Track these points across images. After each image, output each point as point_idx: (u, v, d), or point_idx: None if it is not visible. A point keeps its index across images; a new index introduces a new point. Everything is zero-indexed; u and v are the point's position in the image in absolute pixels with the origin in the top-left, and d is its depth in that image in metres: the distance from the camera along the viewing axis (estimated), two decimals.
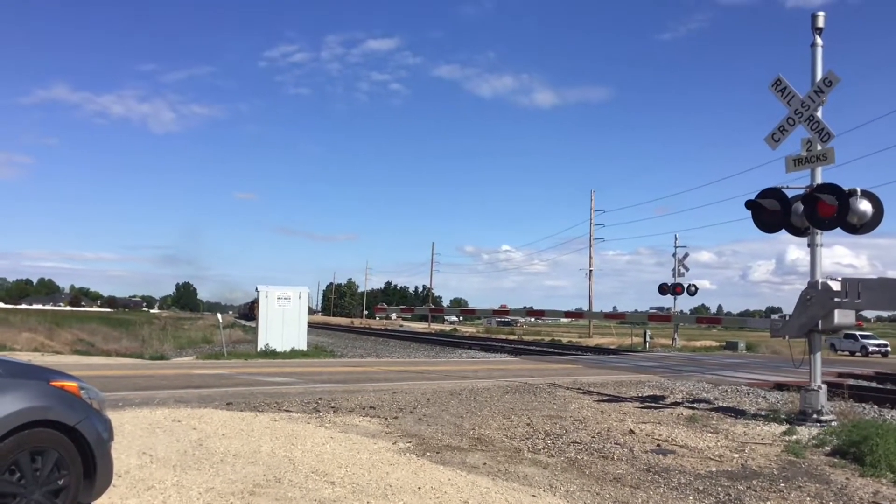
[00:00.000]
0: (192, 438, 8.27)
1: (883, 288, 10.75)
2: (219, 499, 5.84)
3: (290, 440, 8.42)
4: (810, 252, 11.77)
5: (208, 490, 6.07)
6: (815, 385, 11.53)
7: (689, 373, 21.91)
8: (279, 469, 6.97)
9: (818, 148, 11.58)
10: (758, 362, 29.51)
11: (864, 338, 49.32)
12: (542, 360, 28.67)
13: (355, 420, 10.26)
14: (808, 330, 11.59)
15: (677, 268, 47.88)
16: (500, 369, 21.59)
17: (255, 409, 10.90)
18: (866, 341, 48.27)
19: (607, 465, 8.03)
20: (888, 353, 47.11)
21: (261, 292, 28.03)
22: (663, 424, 11.00)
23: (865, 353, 46.37)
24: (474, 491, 6.54)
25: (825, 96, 11.59)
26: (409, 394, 13.52)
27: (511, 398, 13.53)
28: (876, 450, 8.30)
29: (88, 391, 5.09)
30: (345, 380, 16.17)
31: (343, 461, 7.47)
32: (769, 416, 11.93)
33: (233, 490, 6.11)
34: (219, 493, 6.01)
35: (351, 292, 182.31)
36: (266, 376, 16.33)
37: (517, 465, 7.80)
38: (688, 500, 6.67)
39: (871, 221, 11.30)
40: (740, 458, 8.74)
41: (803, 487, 7.31)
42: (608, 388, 16.13)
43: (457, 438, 9.25)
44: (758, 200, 12.07)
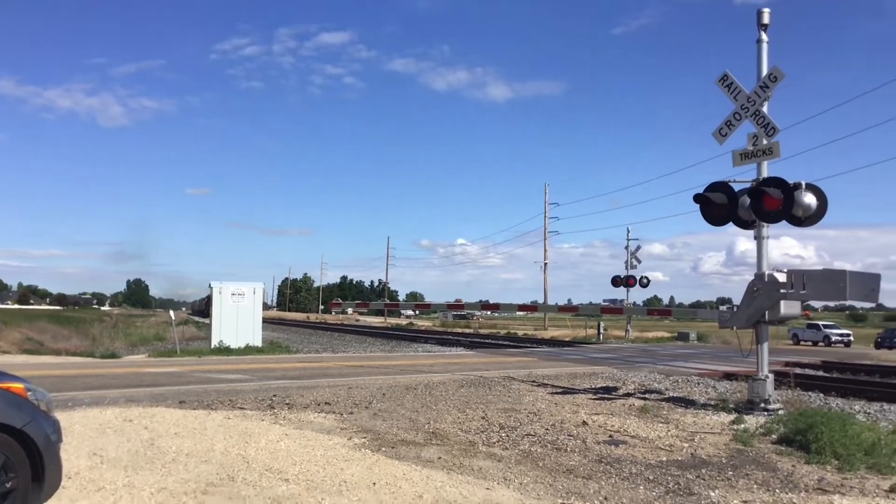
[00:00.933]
0: (144, 438, 8.18)
1: (826, 279, 11.02)
2: (171, 499, 5.79)
3: (244, 438, 8.37)
4: (757, 244, 12.02)
5: (160, 490, 6.02)
6: (762, 374, 11.79)
7: (642, 364, 22.23)
8: (233, 467, 6.93)
9: (764, 142, 11.82)
10: (708, 352, 30.05)
11: (827, 328, 49.94)
12: (498, 353, 28.84)
13: (310, 416, 10.23)
14: (755, 321, 11.84)
15: (630, 260, 48.51)
16: (455, 363, 21.67)
17: (209, 407, 10.81)
18: (829, 331, 48.79)
19: (561, 457, 8.13)
20: (851, 342, 47.67)
21: (214, 288, 27.73)
22: (616, 415, 11.16)
23: (828, 343, 46.84)
24: (429, 485, 6.58)
25: (770, 91, 11.83)
26: (364, 389, 13.52)
27: (466, 392, 13.61)
28: (821, 437, 8.52)
29: (35, 392, 5.01)
30: (300, 376, 16.10)
31: (297, 458, 7.45)
32: (718, 406, 12.17)
33: (185, 489, 6.06)
34: (171, 492, 5.96)
35: (306, 287, 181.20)
36: (220, 373, 16.17)
37: (472, 459, 7.86)
38: (638, 489, 6.78)
39: (816, 214, 11.59)
40: (690, 447, 8.91)
41: (751, 475, 7.48)
42: (562, 381, 16.30)
43: (412, 433, 9.28)
44: (706, 194, 12.29)
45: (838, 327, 51.82)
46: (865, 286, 10.78)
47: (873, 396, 14.79)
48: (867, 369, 23.07)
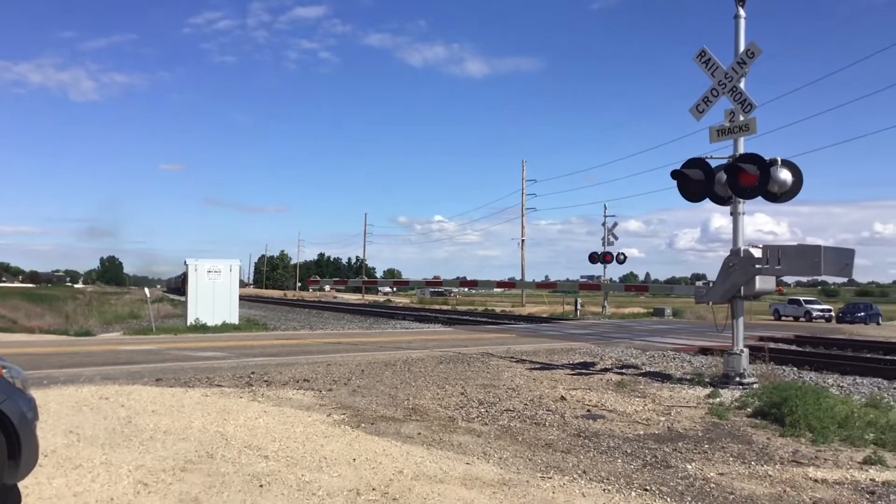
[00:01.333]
0: (121, 416, 8.12)
1: (801, 255, 11.13)
2: (149, 476, 5.76)
3: (223, 415, 8.34)
4: (733, 220, 12.09)
5: (138, 468, 5.98)
6: (737, 349, 11.92)
7: (619, 339, 22.40)
8: (211, 445, 6.91)
9: (741, 119, 11.87)
10: (684, 328, 30.34)
11: (808, 303, 50.28)
12: (476, 329, 28.94)
13: (289, 393, 10.21)
14: (730, 296, 11.94)
15: (607, 237, 48.73)
16: (434, 339, 21.72)
17: (186, 384, 10.75)
18: (810, 306, 49.07)
19: (539, 432, 8.18)
20: (832, 317, 47.92)
21: (190, 266, 27.54)
22: (593, 390, 11.24)
23: (809, 318, 47.04)
24: (409, 461, 6.60)
25: (747, 68, 11.86)
26: (343, 366, 13.51)
27: (445, 368, 13.64)
28: (795, 410, 8.63)
29: (10, 370, 4.94)
30: (278, 353, 16.06)
31: (277, 435, 7.44)
32: (694, 380, 12.30)
33: (164, 467, 6.03)
34: (149, 470, 5.93)
35: (283, 264, 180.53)
36: (197, 351, 16.09)
37: (451, 434, 7.89)
38: (616, 463, 6.84)
39: (791, 190, 11.67)
40: (667, 421, 9.00)
41: (727, 448, 7.57)
42: (540, 356, 16.38)
43: (391, 409, 9.29)
44: (683, 170, 12.34)
45: (819, 303, 52.09)
46: (840, 262, 10.89)
47: (846, 370, 15.01)
48: (840, 343, 23.40)
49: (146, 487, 5.50)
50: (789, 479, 6.42)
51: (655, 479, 6.24)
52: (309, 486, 5.68)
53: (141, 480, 5.65)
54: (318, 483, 5.75)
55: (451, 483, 5.93)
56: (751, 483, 6.25)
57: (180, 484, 5.61)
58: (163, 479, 5.69)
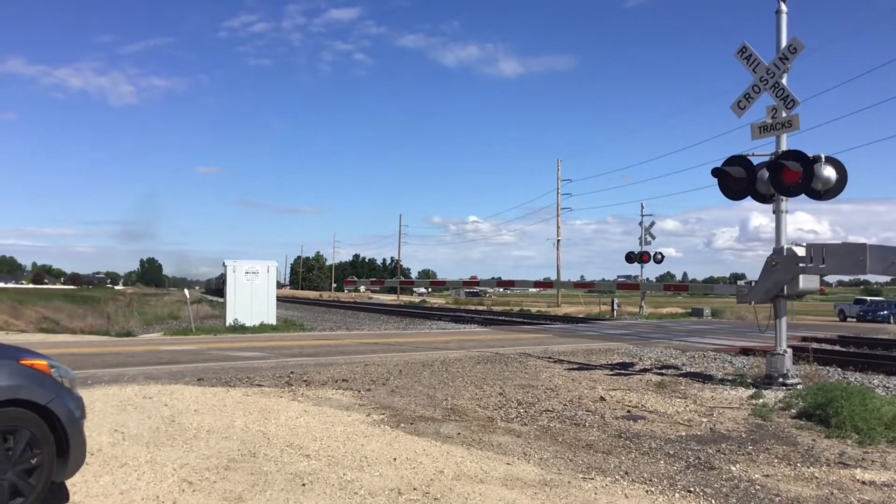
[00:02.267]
0: (164, 415, 8.22)
1: (845, 253, 10.93)
2: (194, 474, 5.83)
3: (264, 414, 8.40)
4: (775, 218, 11.91)
5: (183, 466, 6.05)
6: (780, 349, 11.74)
7: (657, 340, 22.19)
8: (254, 443, 6.96)
9: (783, 115, 11.69)
10: (723, 328, 29.97)
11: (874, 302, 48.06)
12: (512, 329, 28.85)
13: (328, 393, 10.27)
14: (773, 295, 11.76)
15: (644, 236, 48.28)
16: (470, 340, 21.70)
17: (227, 384, 10.86)
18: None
19: (580, 432, 8.13)
20: None
21: (228, 267, 27.80)
22: (633, 391, 11.14)
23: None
24: (449, 460, 6.59)
25: (790, 63, 11.68)
26: (381, 366, 13.55)
27: (483, 368, 13.62)
28: (841, 411, 8.48)
29: (59, 369, 5.03)
30: (316, 353, 16.15)
31: (317, 434, 7.48)
32: (736, 381, 12.13)
33: (207, 465, 6.09)
34: (193, 468, 5.99)
35: (319, 265, 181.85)
36: (236, 351, 16.25)
37: (491, 435, 7.87)
38: (659, 464, 6.77)
39: (836, 187, 11.46)
40: (709, 422, 8.89)
41: (771, 449, 7.46)
42: (578, 357, 16.29)
43: (430, 409, 9.29)
44: (724, 168, 12.18)
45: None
46: (885, 260, 10.66)
47: (892, 370, 14.69)
48: (884, 343, 22.93)
49: (191, 485, 5.55)
50: (836, 480, 6.30)
51: (699, 481, 6.17)
52: (351, 485, 5.70)
53: (185, 479, 5.71)
54: (360, 482, 5.77)
55: (491, 483, 5.91)
56: (797, 485, 6.14)
57: (224, 482, 5.66)
58: (207, 478, 5.75)
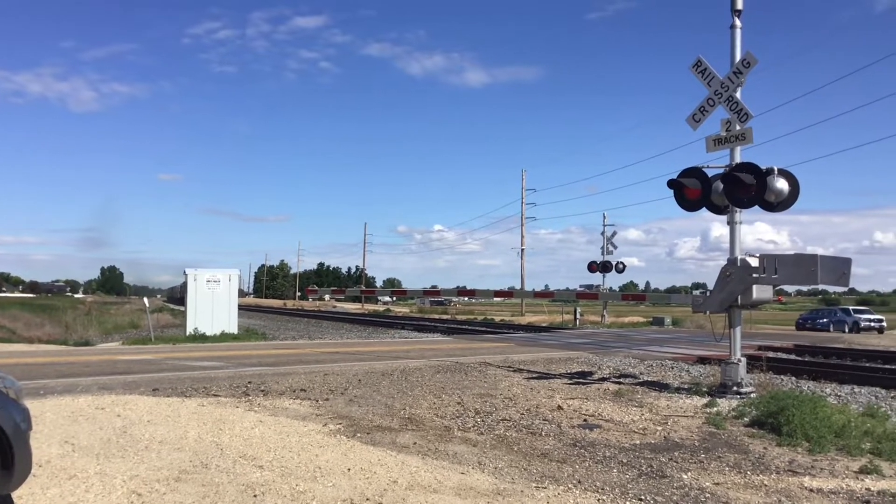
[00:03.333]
0: (117, 426, 8.11)
1: (797, 264, 11.12)
2: (143, 486, 5.76)
3: (218, 425, 8.33)
4: (730, 229, 12.09)
5: (133, 478, 5.97)
6: (734, 358, 11.90)
7: (617, 349, 22.37)
8: (206, 455, 6.90)
9: (737, 128, 11.88)
10: (683, 337, 30.31)
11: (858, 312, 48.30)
12: (475, 339, 28.91)
13: (285, 403, 10.20)
14: (728, 305, 11.93)
15: (606, 246, 48.75)
16: (432, 349, 21.70)
17: (182, 394, 10.74)
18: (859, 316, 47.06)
19: (536, 441, 8.17)
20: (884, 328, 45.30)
21: (189, 275, 27.56)
22: (590, 400, 11.22)
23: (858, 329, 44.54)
24: (404, 470, 6.59)
25: (744, 77, 11.88)
26: (340, 375, 13.50)
27: (442, 377, 13.63)
28: (792, 420, 8.61)
29: (4, 380, 4.94)
30: (276, 362, 16.04)
31: (272, 445, 7.43)
32: (692, 390, 12.28)
33: (158, 477, 6.02)
34: (143, 480, 5.92)
35: (283, 274, 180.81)
36: (194, 361, 16.07)
37: (447, 444, 7.88)
38: (612, 472, 6.83)
39: (788, 199, 11.67)
40: (663, 430, 8.99)
41: (723, 458, 7.56)
42: (538, 366, 16.36)
43: (388, 419, 9.28)
44: (680, 180, 12.34)
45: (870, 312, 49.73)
46: (836, 270, 10.88)
47: (844, 379, 14.98)
48: (838, 352, 23.36)
49: (140, 497, 5.49)
50: (785, 488, 6.41)
51: (650, 489, 6.23)
52: (303, 496, 5.67)
53: (135, 490, 5.64)
54: (313, 493, 5.74)
55: (445, 493, 5.92)
56: (746, 493, 6.24)
57: (174, 494, 5.60)
58: (157, 490, 5.68)
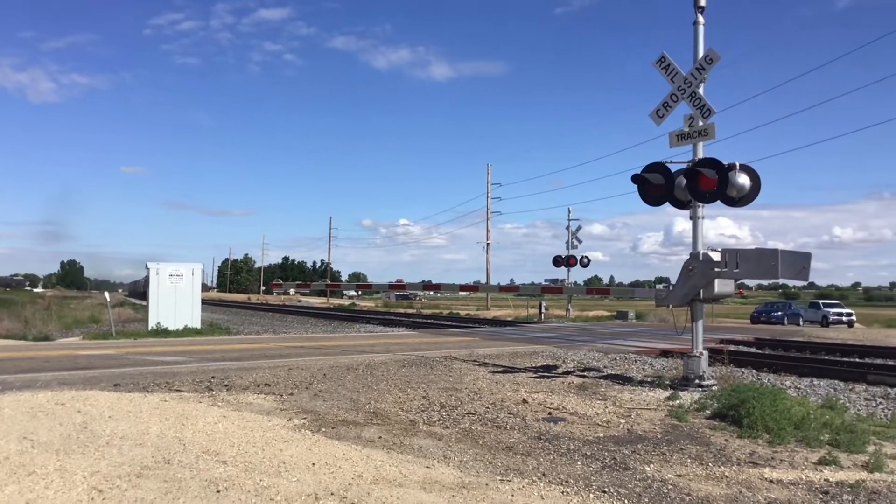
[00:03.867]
0: (77, 422, 7.99)
1: (759, 258, 11.29)
2: (104, 482, 5.68)
3: (181, 420, 8.24)
4: (693, 224, 12.23)
5: (93, 474, 5.89)
6: (697, 351, 12.06)
7: (581, 342, 22.54)
8: (168, 450, 6.82)
9: (700, 124, 12.02)
10: (646, 331, 30.63)
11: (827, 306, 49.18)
12: (440, 333, 28.93)
13: (249, 398, 10.13)
14: (690, 299, 12.08)
15: (571, 240, 49.10)
16: (397, 343, 21.68)
17: (144, 389, 10.61)
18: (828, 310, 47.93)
19: (500, 435, 8.20)
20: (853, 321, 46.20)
21: (151, 269, 27.19)
22: (555, 393, 11.30)
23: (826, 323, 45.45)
24: (369, 464, 6.57)
25: (706, 73, 12.01)
26: (305, 370, 13.43)
27: (408, 372, 13.62)
28: (753, 412, 8.74)
29: None
30: (239, 357, 15.92)
31: (235, 440, 7.37)
32: (654, 383, 12.42)
33: (119, 473, 5.94)
34: (104, 476, 5.84)
35: (247, 268, 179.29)
36: (156, 355, 15.89)
37: (412, 438, 7.88)
38: (576, 465, 6.88)
39: (749, 194, 11.85)
40: (626, 423, 9.08)
41: (685, 450, 7.66)
42: (503, 360, 16.43)
43: (352, 413, 9.26)
44: (643, 175, 12.46)
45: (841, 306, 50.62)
46: (796, 265, 11.06)
47: (804, 372, 15.26)
48: (798, 346, 23.77)
49: (101, 494, 5.41)
50: (745, 479, 6.50)
51: (614, 481, 6.29)
52: (267, 491, 5.63)
53: (96, 487, 5.56)
54: (276, 488, 5.71)
55: (410, 487, 5.92)
56: (707, 484, 6.32)
57: (135, 490, 5.53)
58: (118, 486, 5.61)
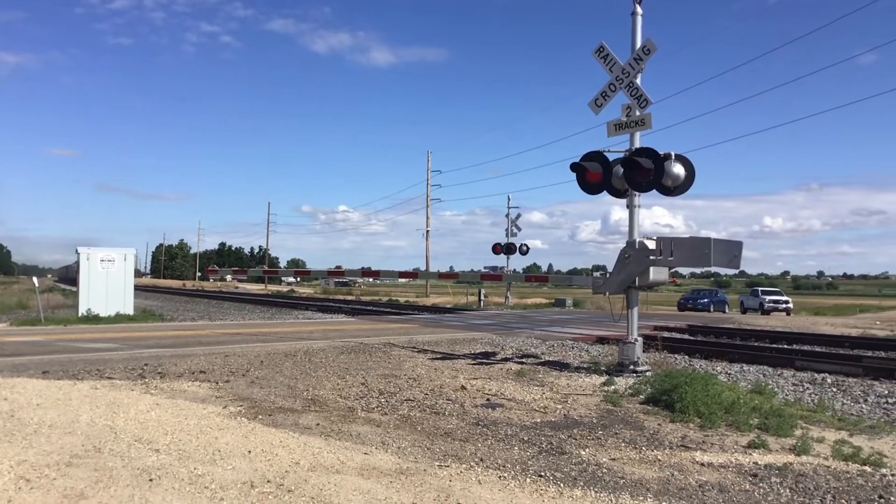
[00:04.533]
0: (3, 409, 7.75)
1: (692, 247, 11.52)
2: (32, 471, 5.52)
3: (112, 408, 8.05)
4: (629, 213, 12.41)
5: (20, 463, 5.72)
6: (632, 338, 12.27)
7: (520, 329, 22.73)
8: (99, 439, 6.66)
9: (637, 114, 12.18)
10: (583, 318, 31.04)
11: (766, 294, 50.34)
12: (380, 319, 28.86)
13: (184, 385, 9.95)
14: (626, 286, 12.28)
15: (510, 228, 49.30)
16: (336, 330, 21.55)
17: (74, 377, 10.34)
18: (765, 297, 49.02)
19: (439, 421, 8.22)
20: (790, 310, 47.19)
21: (82, 254, 26.46)
22: (493, 379, 11.37)
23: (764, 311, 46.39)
24: (306, 451, 6.53)
25: (644, 64, 12.17)
26: (241, 357, 13.26)
27: (347, 358, 13.56)
28: (685, 397, 8.93)
29: None
30: (174, 344, 15.63)
31: (169, 428, 7.23)
32: (591, 369, 12.60)
33: (48, 462, 5.78)
34: (32, 465, 5.67)
35: (183, 254, 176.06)
36: (87, 342, 15.50)
37: (351, 425, 7.85)
38: (513, 450, 6.95)
39: (684, 184, 12.06)
40: (563, 408, 9.19)
41: (619, 434, 7.79)
42: (442, 346, 16.47)
43: (290, 400, 9.17)
44: (582, 163, 12.58)
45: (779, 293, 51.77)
46: (728, 253, 11.32)
47: (734, 358, 15.66)
48: (729, 332, 24.39)
49: (28, 483, 5.26)
50: (677, 463, 6.65)
51: (550, 465, 6.37)
52: (201, 479, 5.55)
53: (23, 476, 5.40)
54: (211, 476, 5.62)
55: (348, 473, 5.90)
56: (641, 468, 6.44)
57: (65, 479, 5.39)
58: (47, 475, 5.46)
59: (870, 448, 7.26)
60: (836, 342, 21.14)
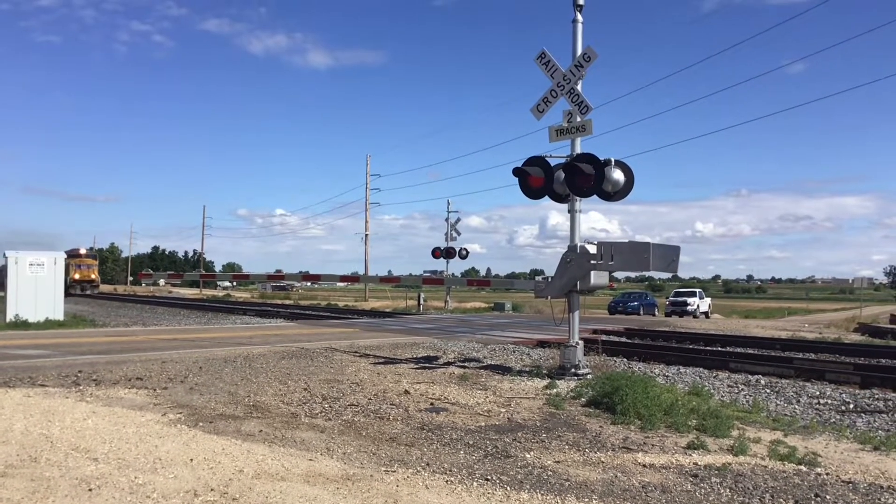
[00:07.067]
0: None
1: (632, 251, 11.71)
2: None
3: (47, 416, 7.82)
4: (570, 218, 12.55)
5: None
6: (573, 341, 12.41)
7: (461, 333, 22.78)
8: (35, 448, 6.46)
9: (578, 119, 12.34)
10: (523, 322, 31.27)
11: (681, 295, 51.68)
12: (320, 324, 28.62)
13: (120, 392, 9.71)
14: (568, 290, 12.42)
15: (450, 232, 49.42)
16: (276, 335, 21.29)
17: (6, 384, 10.00)
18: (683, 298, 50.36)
19: (384, 426, 8.19)
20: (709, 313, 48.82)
21: (10, 258, 25.64)
22: (437, 384, 11.38)
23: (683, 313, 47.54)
24: (250, 459, 6.43)
25: (584, 71, 12.34)
26: (179, 363, 13.00)
27: (288, 363, 13.41)
28: (625, 399, 9.07)
29: None
30: (108, 350, 15.23)
31: (107, 436, 7.05)
32: (533, 372, 12.70)
33: None
34: None
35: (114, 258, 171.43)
36: (16, 349, 15.01)
37: (294, 431, 7.76)
38: (459, 454, 6.96)
39: (624, 189, 12.27)
40: (507, 412, 9.25)
41: (563, 437, 7.87)
42: (384, 351, 16.41)
43: (231, 407, 9.03)
44: (524, 168, 12.70)
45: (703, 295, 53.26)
46: (667, 258, 11.54)
47: (671, 360, 15.97)
48: (665, 335, 24.87)
49: None
50: (620, 464, 6.75)
51: (496, 469, 6.40)
52: (142, 488, 5.42)
53: None
54: (153, 485, 5.50)
55: (293, 480, 5.83)
56: (585, 469, 6.52)
57: (1, 490, 5.21)
58: None
59: (804, 448, 7.47)
60: (768, 345, 21.72)
